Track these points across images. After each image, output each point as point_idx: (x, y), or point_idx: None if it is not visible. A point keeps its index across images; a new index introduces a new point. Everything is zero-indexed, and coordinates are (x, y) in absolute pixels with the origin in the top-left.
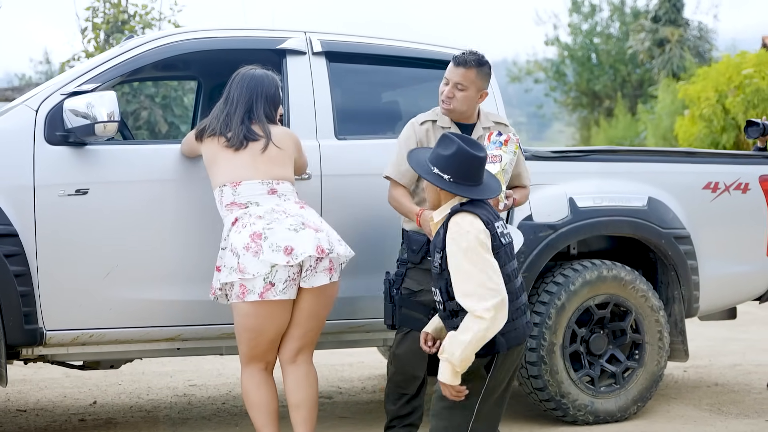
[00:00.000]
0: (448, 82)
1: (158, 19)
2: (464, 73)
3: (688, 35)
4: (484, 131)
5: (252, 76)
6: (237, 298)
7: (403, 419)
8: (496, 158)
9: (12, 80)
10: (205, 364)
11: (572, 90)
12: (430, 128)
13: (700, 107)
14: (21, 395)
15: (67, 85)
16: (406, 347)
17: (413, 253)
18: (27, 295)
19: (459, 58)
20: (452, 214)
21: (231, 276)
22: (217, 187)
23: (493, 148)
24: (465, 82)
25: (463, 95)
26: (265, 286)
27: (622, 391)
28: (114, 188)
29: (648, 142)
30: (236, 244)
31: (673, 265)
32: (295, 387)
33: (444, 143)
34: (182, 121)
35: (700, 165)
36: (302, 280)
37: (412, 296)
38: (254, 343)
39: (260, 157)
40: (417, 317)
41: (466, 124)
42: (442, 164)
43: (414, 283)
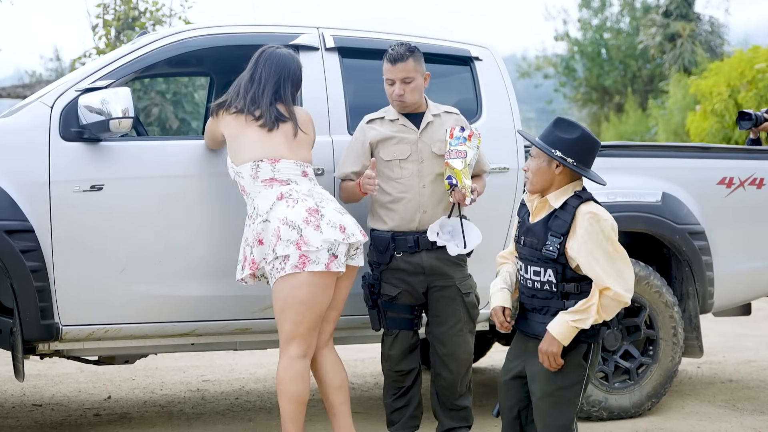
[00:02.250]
0: (393, 81)
1: (169, 16)
2: (404, 67)
3: (700, 30)
4: (434, 118)
5: (279, 56)
6: (294, 269)
7: (401, 411)
8: (461, 153)
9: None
10: (218, 359)
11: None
12: (376, 125)
13: (712, 102)
14: (36, 390)
15: (82, 82)
16: (398, 348)
17: (381, 254)
18: (43, 290)
19: (393, 55)
20: (581, 201)
21: (289, 248)
22: (250, 161)
23: (457, 143)
24: (410, 74)
25: (412, 87)
26: (329, 257)
27: (636, 387)
28: (129, 184)
29: (659, 137)
30: (293, 217)
31: (688, 261)
32: (334, 369)
33: (564, 127)
34: (193, 117)
35: (715, 160)
36: (350, 259)
37: (393, 300)
38: (301, 318)
39: (292, 139)
40: (404, 318)
41: (415, 113)
42: (565, 147)
43: (391, 287)
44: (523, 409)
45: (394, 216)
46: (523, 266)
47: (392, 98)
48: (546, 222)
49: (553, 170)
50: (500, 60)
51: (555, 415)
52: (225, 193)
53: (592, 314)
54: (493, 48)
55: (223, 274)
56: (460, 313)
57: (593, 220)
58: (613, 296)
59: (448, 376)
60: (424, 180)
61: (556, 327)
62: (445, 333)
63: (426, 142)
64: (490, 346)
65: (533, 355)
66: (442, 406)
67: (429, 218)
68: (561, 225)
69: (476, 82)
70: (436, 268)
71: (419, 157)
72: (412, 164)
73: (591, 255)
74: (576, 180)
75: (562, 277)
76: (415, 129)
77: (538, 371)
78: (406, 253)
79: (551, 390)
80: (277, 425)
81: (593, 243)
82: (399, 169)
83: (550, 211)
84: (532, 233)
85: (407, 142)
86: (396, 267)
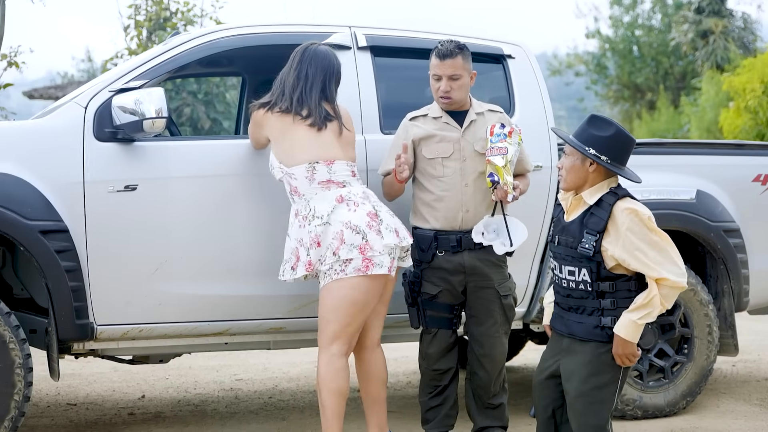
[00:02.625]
0: (440, 77)
1: (200, 16)
2: (452, 63)
3: (732, 26)
4: (478, 117)
5: (323, 53)
6: (356, 272)
7: (437, 410)
8: (502, 150)
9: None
10: (251, 358)
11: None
12: (419, 123)
13: (745, 99)
14: (71, 389)
15: (115, 82)
16: (436, 346)
17: (424, 252)
18: (78, 290)
19: (442, 50)
20: (617, 198)
21: (352, 252)
22: (305, 163)
23: (497, 140)
24: (458, 71)
25: (459, 84)
26: (391, 261)
27: (670, 385)
28: (162, 184)
29: (691, 134)
30: (356, 222)
31: (723, 259)
32: (382, 366)
33: (598, 124)
34: (225, 117)
35: (750, 157)
36: (400, 261)
37: (434, 299)
38: (350, 320)
39: (340, 138)
40: (443, 317)
41: (458, 111)
42: (599, 145)
43: (432, 286)
44: (557, 408)
45: (437, 215)
46: (557, 266)
47: (438, 94)
48: (581, 220)
49: (586, 168)
50: (533, 58)
51: (590, 415)
52: (259, 192)
53: (656, 306)
54: (525, 46)
55: (258, 273)
56: (497, 315)
57: (633, 215)
58: (671, 285)
59: (483, 375)
60: (466, 178)
61: (623, 329)
62: (482, 334)
63: (469, 141)
64: (524, 344)
65: (568, 354)
66: (477, 404)
67: (472, 217)
68: (597, 222)
69: (509, 80)
70: (476, 269)
71: (462, 155)
72: (454, 162)
73: (638, 250)
74: (611, 177)
75: (597, 276)
76: (458, 127)
77: (572, 371)
78: (448, 252)
79: (586, 390)
80: (311, 424)
81: (637, 238)
82: (441, 167)
83: (586, 209)
84: (567, 232)
85: (450, 140)
86: (437, 266)
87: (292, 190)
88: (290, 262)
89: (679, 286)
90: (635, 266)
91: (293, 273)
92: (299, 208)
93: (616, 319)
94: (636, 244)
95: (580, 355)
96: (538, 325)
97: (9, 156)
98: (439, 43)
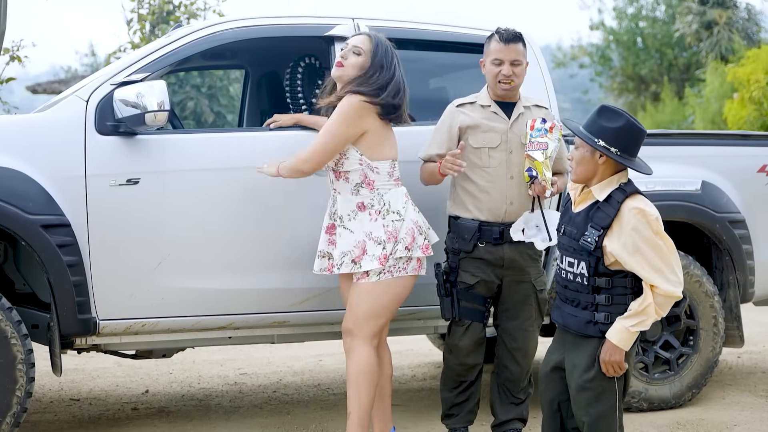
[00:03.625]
0: (502, 61)
1: (203, 9)
2: (516, 48)
3: (736, 17)
4: (525, 110)
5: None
6: (414, 271)
7: (461, 406)
8: (542, 145)
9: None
10: (255, 352)
11: (618, 75)
12: (466, 110)
13: (749, 90)
14: (74, 384)
15: (117, 75)
16: (468, 339)
17: (465, 242)
18: (80, 284)
19: (506, 34)
20: (626, 196)
21: (418, 251)
22: (390, 159)
23: (537, 135)
24: (519, 56)
25: (520, 70)
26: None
27: (676, 377)
28: (165, 177)
29: (696, 126)
30: (421, 222)
31: (728, 250)
32: (389, 360)
33: (608, 115)
34: (228, 111)
35: (755, 148)
36: None
37: (470, 289)
38: (392, 316)
39: None
40: (477, 309)
41: (507, 102)
42: (609, 137)
43: (469, 276)
44: (563, 401)
45: (481, 206)
46: (560, 256)
47: (497, 78)
48: (587, 213)
49: (596, 160)
50: (537, 48)
51: (596, 405)
52: (262, 186)
53: (651, 314)
54: (529, 36)
55: (261, 266)
56: (531, 310)
57: (640, 215)
58: (665, 294)
59: (515, 369)
60: (511, 171)
61: (616, 335)
62: (516, 328)
63: (516, 133)
64: None
65: (572, 347)
66: (502, 398)
67: (515, 209)
68: (603, 218)
69: None
70: (515, 262)
71: (508, 147)
72: (500, 154)
73: (639, 252)
74: (621, 170)
75: (595, 271)
76: (506, 118)
77: (575, 364)
78: (489, 243)
79: (588, 383)
80: (315, 418)
81: (641, 239)
82: (487, 157)
83: (593, 202)
84: (572, 223)
85: (497, 131)
86: (477, 256)
87: (364, 182)
88: (352, 255)
89: (673, 296)
90: (632, 267)
91: (355, 266)
92: (369, 201)
93: (610, 315)
94: (638, 245)
95: (583, 349)
96: None
97: (10, 150)
98: (498, 28)
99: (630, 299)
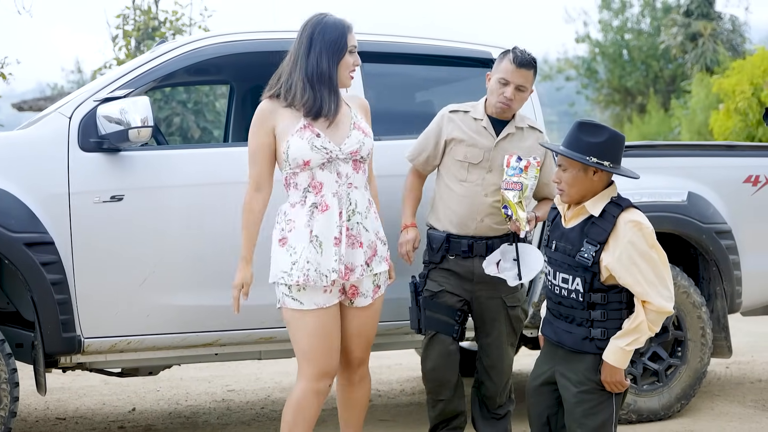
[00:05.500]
0: (508, 82)
1: (188, 25)
2: (527, 75)
3: (721, 29)
4: (517, 131)
5: None
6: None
7: (447, 423)
8: (516, 185)
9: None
10: (243, 369)
11: (604, 87)
12: (457, 118)
13: (735, 101)
14: (60, 403)
15: (100, 92)
16: (434, 351)
17: (434, 253)
18: (64, 303)
19: (521, 58)
20: (621, 210)
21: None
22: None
23: (513, 174)
24: (527, 83)
25: (522, 96)
26: None
27: (665, 389)
28: (149, 194)
29: (682, 137)
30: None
31: (715, 261)
32: None
33: (590, 131)
34: (215, 126)
35: (740, 158)
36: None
37: (434, 297)
38: None
39: None
40: (442, 320)
41: (499, 119)
42: (598, 151)
43: (434, 284)
44: (552, 415)
45: (453, 218)
46: (551, 271)
47: (497, 99)
48: (582, 228)
49: (591, 177)
50: None
51: (593, 418)
52: None
53: (644, 331)
54: None
55: None
56: (501, 326)
57: (637, 228)
58: (657, 309)
59: (490, 386)
60: (487, 189)
61: (611, 356)
62: (489, 344)
63: (500, 153)
64: (517, 350)
65: (562, 362)
66: (483, 413)
67: (485, 227)
68: (599, 233)
69: None
70: (485, 277)
71: (489, 165)
72: (480, 171)
73: (634, 265)
74: (611, 182)
75: (590, 287)
76: (494, 136)
77: (569, 378)
78: (459, 256)
79: (585, 395)
80: None
81: (637, 252)
82: (467, 172)
83: (587, 217)
84: (566, 239)
85: (482, 147)
86: (447, 267)
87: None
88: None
89: (665, 311)
90: (626, 281)
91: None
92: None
93: (606, 331)
94: (633, 259)
95: (578, 363)
96: (531, 331)
97: None
98: (515, 49)
99: (625, 314)
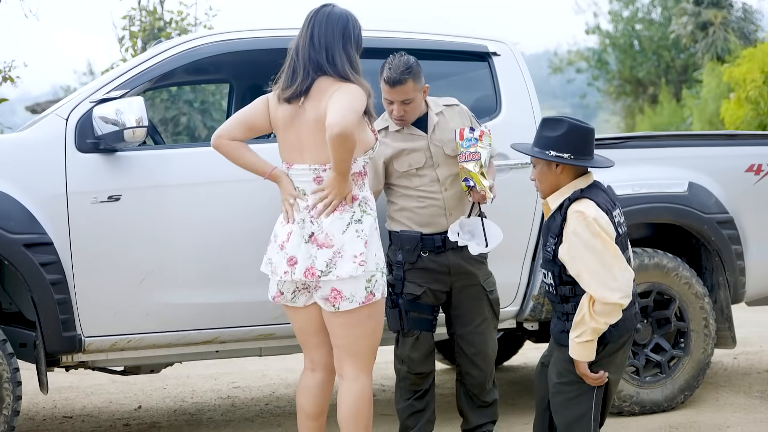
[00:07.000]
0: (392, 101)
1: (194, 25)
2: (402, 90)
3: (732, 17)
4: (439, 117)
5: None
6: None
7: (417, 416)
8: (474, 155)
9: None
10: (249, 365)
11: (615, 78)
12: (383, 137)
13: (746, 89)
14: (68, 402)
15: (96, 93)
16: (420, 350)
17: (408, 253)
18: (64, 302)
19: (391, 78)
20: (571, 201)
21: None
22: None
23: (468, 145)
24: (408, 95)
25: (412, 107)
26: None
27: (668, 380)
28: (146, 193)
29: (694, 127)
30: None
31: (717, 251)
32: None
33: (550, 125)
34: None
35: (742, 147)
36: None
37: (417, 300)
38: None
39: None
40: (425, 318)
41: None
42: (558, 145)
43: (415, 286)
44: None
45: (421, 220)
46: None
47: (392, 116)
48: (548, 223)
49: (554, 171)
50: (519, 55)
51: (569, 410)
52: (245, 198)
53: (588, 323)
54: (510, 43)
55: (246, 279)
56: (485, 312)
57: (579, 217)
58: (600, 300)
59: (477, 374)
60: (444, 183)
61: (572, 350)
62: (472, 332)
63: (437, 146)
64: (522, 344)
65: (551, 351)
66: (471, 404)
67: (455, 219)
68: (555, 226)
69: (494, 78)
70: (461, 267)
71: (434, 162)
72: (428, 170)
73: (578, 255)
74: (580, 175)
75: (560, 280)
76: (424, 134)
77: (551, 367)
78: (432, 252)
79: (562, 386)
80: None
81: (581, 243)
82: (417, 177)
83: (552, 213)
84: (543, 234)
85: (419, 149)
86: (422, 266)
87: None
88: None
89: (608, 303)
90: (573, 272)
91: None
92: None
93: None
94: (577, 248)
95: (559, 354)
96: (531, 324)
97: None
98: (387, 66)
99: None
